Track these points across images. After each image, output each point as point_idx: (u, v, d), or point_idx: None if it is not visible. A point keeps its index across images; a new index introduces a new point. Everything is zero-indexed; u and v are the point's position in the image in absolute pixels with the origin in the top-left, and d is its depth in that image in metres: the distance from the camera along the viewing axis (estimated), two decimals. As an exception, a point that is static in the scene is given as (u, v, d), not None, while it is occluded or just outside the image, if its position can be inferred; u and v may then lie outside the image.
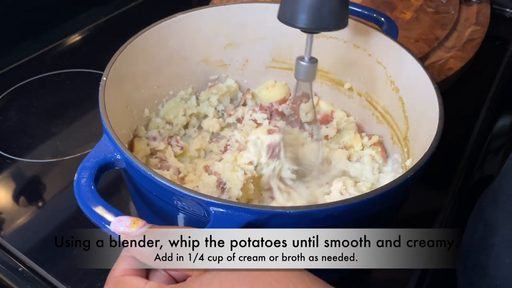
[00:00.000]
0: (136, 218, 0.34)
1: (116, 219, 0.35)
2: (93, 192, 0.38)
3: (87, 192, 0.38)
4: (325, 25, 0.45)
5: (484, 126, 0.74)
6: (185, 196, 0.38)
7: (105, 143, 0.42)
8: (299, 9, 0.44)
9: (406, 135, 0.54)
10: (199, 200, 0.37)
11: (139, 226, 0.33)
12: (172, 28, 0.58)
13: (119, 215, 0.36)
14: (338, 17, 0.45)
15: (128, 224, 0.33)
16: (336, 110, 0.64)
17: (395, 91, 0.56)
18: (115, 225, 0.34)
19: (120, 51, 0.52)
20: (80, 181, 0.39)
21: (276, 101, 0.65)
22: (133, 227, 0.33)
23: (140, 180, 0.41)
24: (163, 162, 0.56)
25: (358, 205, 0.38)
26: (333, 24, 0.45)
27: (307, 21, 0.44)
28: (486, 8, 0.94)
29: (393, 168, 0.57)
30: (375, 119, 0.61)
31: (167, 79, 0.61)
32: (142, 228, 0.33)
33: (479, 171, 0.67)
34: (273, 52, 0.65)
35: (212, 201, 0.37)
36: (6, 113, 0.71)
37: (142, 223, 0.33)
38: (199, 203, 0.37)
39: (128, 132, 0.56)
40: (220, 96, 0.65)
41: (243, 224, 0.36)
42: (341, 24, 0.46)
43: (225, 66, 0.65)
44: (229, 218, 0.36)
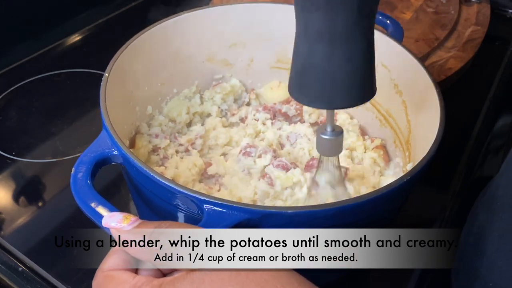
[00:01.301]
0: (128, 214, 0.34)
1: (108, 215, 0.35)
2: (89, 186, 0.38)
3: (83, 186, 0.38)
4: (352, 102, 0.38)
5: (484, 126, 0.74)
6: (178, 192, 0.38)
7: (104, 138, 0.42)
8: (323, 88, 0.37)
9: (408, 139, 0.54)
10: (192, 197, 0.37)
11: (131, 222, 0.33)
12: (178, 26, 0.58)
13: (113, 210, 0.36)
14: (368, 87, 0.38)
15: (120, 219, 0.33)
16: (338, 112, 0.64)
17: (399, 94, 0.56)
18: (107, 220, 0.34)
19: (124, 48, 0.52)
20: (77, 175, 0.39)
21: (280, 102, 0.65)
22: (124, 222, 0.33)
23: (137, 176, 0.41)
24: (165, 160, 0.56)
25: (357, 207, 0.38)
26: (365, 96, 0.38)
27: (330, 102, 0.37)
28: (486, 8, 0.94)
29: (395, 172, 0.57)
30: (379, 122, 0.61)
31: (171, 77, 0.61)
32: (134, 223, 0.33)
33: (479, 171, 0.67)
34: (279, 52, 0.65)
35: (205, 198, 0.37)
36: (6, 113, 0.71)
37: (134, 218, 0.33)
38: (192, 200, 0.37)
39: (130, 128, 0.56)
40: (224, 95, 0.65)
41: (236, 222, 0.36)
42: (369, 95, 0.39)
43: (230, 66, 0.65)
44: (222, 216, 0.36)
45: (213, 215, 0.36)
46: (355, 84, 0.37)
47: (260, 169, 0.54)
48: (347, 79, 0.37)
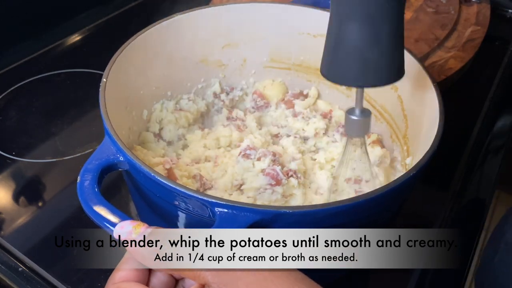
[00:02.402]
0: (137, 222, 0.33)
1: (118, 226, 0.34)
2: (96, 194, 0.38)
3: (91, 194, 0.38)
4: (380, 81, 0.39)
5: (484, 126, 0.74)
6: (190, 197, 0.38)
7: (107, 145, 0.42)
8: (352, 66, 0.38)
9: (406, 133, 0.54)
10: (204, 201, 0.37)
11: (141, 232, 0.32)
12: (171, 28, 0.58)
13: (123, 216, 0.36)
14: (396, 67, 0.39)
15: (130, 230, 0.33)
16: (334, 109, 0.64)
17: (394, 89, 0.56)
18: (117, 231, 0.34)
19: (119, 52, 0.52)
20: (84, 183, 0.39)
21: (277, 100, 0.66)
22: (135, 233, 0.33)
23: (144, 182, 0.41)
24: None
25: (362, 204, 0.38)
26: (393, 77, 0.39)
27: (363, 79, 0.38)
28: (486, 8, 0.94)
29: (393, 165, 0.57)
30: (374, 117, 0.61)
31: (165, 79, 0.61)
32: (148, 229, 0.33)
33: (479, 171, 0.67)
34: (272, 52, 0.65)
35: (217, 201, 0.37)
36: (6, 113, 0.71)
37: (143, 228, 0.33)
38: (204, 204, 0.37)
39: (127, 133, 0.56)
40: (217, 95, 0.65)
41: (249, 224, 0.36)
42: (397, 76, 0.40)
43: (223, 66, 0.65)
44: (234, 218, 0.36)
45: (226, 217, 0.36)
46: (383, 64, 0.38)
47: (257, 172, 0.54)
48: (375, 59, 0.37)
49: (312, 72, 0.65)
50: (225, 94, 0.65)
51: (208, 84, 0.65)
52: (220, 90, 0.65)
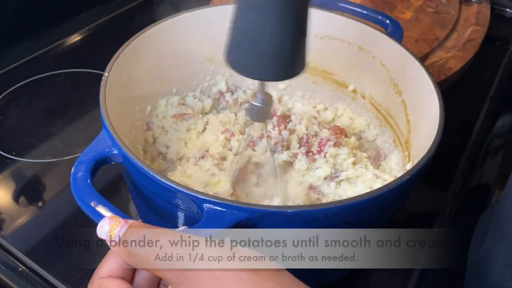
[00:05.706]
0: (114, 221, 0.33)
1: (98, 226, 0.33)
2: (89, 185, 0.38)
3: (83, 185, 0.38)
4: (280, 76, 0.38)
5: (484, 126, 0.74)
6: (178, 191, 0.38)
7: (104, 138, 0.42)
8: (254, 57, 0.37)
9: (408, 138, 0.54)
10: (191, 196, 0.37)
11: (116, 233, 0.32)
12: (178, 26, 0.58)
13: (113, 209, 0.36)
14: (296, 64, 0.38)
15: (107, 231, 0.32)
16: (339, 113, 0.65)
17: (398, 94, 0.56)
18: (98, 232, 0.33)
19: (124, 47, 0.52)
20: (77, 174, 0.39)
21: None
22: (112, 234, 0.32)
23: (137, 176, 0.41)
24: None
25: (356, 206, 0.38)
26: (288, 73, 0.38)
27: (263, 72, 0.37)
28: (486, 8, 0.94)
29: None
30: (378, 122, 0.61)
31: (171, 76, 0.61)
32: (121, 230, 0.32)
33: (479, 171, 0.67)
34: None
35: (205, 198, 0.37)
36: (6, 113, 0.71)
37: (118, 228, 0.32)
38: (192, 199, 0.37)
39: (129, 128, 0.56)
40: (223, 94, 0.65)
41: (235, 221, 0.36)
42: (297, 71, 0.39)
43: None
44: (221, 215, 0.36)
45: (213, 214, 0.36)
46: (283, 58, 0.37)
47: None
48: (276, 52, 0.36)
49: (319, 74, 0.65)
50: (230, 93, 0.65)
51: (214, 82, 0.65)
52: (226, 89, 0.65)
